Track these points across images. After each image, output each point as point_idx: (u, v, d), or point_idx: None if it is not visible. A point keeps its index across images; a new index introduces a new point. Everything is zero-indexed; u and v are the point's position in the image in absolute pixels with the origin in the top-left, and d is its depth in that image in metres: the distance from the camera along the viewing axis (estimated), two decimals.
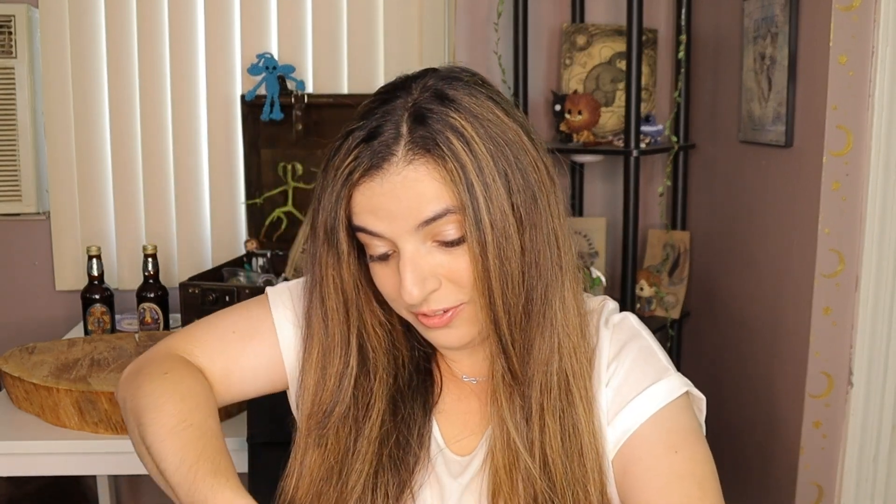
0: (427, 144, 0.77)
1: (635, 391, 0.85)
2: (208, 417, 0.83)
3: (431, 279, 0.80)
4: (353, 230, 0.81)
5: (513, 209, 0.79)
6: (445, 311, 0.82)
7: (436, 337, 0.85)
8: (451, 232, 0.79)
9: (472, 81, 0.83)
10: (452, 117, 0.78)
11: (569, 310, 0.85)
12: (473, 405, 0.92)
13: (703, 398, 0.89)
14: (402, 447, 0.88)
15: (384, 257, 0.82)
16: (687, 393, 0.87)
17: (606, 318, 0.90)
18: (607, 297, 0.94)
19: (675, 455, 0.82)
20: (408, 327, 0.91)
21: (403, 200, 0.77)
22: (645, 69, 2.21)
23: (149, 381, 0.86)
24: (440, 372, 0.94)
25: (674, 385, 0.85)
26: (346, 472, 0.87)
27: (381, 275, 0.83)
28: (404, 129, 0.78)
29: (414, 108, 0.79)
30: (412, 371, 0.92)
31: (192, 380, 0.88)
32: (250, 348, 0.94)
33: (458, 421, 0.92)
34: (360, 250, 0.84)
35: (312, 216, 0.84)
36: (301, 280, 0.94)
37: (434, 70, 0.84)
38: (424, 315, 0.82)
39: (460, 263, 0.80)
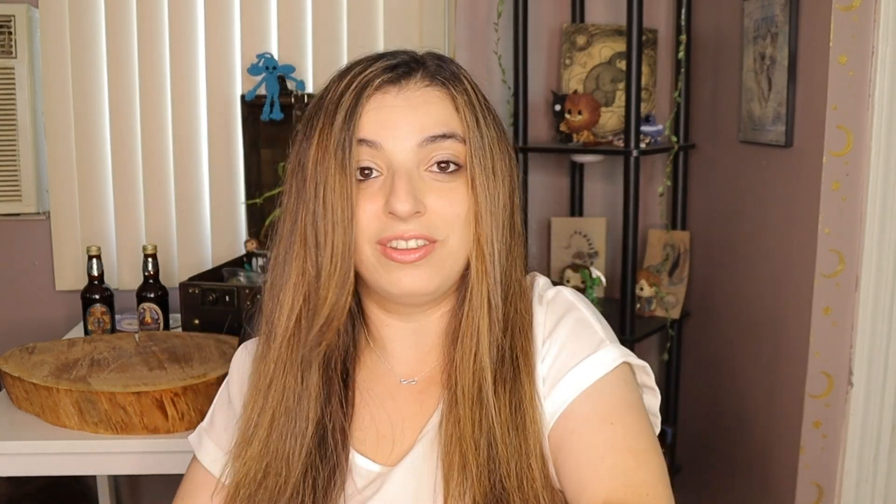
0: (445, 76, 0.84)
1: (570, 365, 0.83)
2: None
3: (419, 202, 0.80)
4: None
5: (500, 160, 0.85)
6: (419, 246, 0.81)
7: (400, 278, 0.82)
8: (446, 155, 0.81)
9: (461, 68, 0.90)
10: (463, 72, 0.86)
11: (524, 287, 0.87)
12: (410, 409, 0.90)
13: (646, 364, 0.88)
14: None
15: (367, 177, 0.81)
16: (627, 364, 0.85)
17: (540, 294, 0.90)
18: (536, 273, 0.94)
19: (611, 427, 0.80)
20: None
21: (415, 115, 0.81)
22: (645, 69, 2.21)
23: None
24: (355, 386, 0.91)
25: (610, 356, 0.84)
26: (295, 451, 0.86)
27: (364, 196, 0.81)
28: (425, 60, 0.85)
29: (429, 54, 0.86)
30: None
31: None
32: (200, 500, 0.94)
33: (387, 431, 0.90)
34: None
35: (306, 134, 0.82)
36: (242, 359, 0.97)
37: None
38: (395, 248, 0.80)
39: (450, 196, 0.82)
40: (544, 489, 0.82)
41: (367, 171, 0.81)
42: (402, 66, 0.82)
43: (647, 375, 0.88)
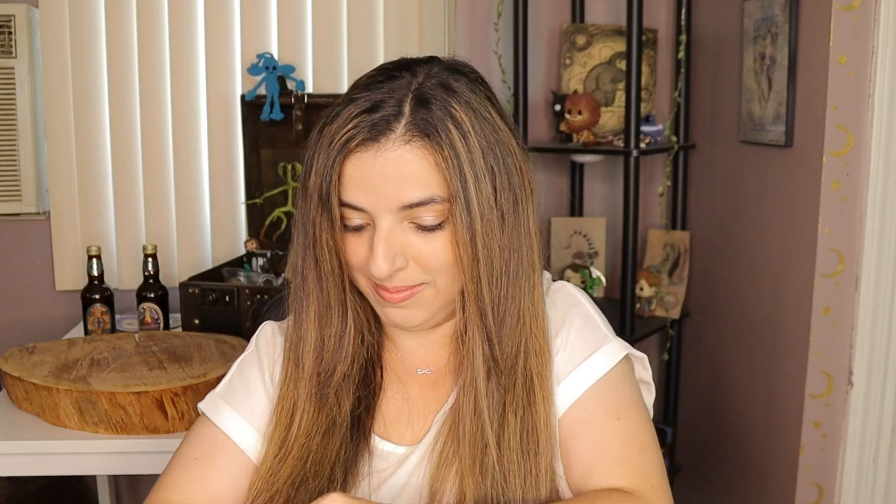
0: (427, 129, 0.79)
1: (577, 360, 0.87)
2: None
3: (401, 257, 0.81)
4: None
5: (496, 205, 0.81)
6: (405, 289, 0.83)
7: (389, 313, 0.86)
8: (431, 219, 0.80)
9: (473, 77, 0.85)
10: (454, 108, 0.80)
11: (537, 312, 0.87)
12: (426, 395, 0.93)
13: (645, 356, 0.93)
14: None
15: (357, 228, 0.83)
16: (627, 357, 0.90)
17: (546, 289, 0.92)
18: (563, 285, 0.96)
19: (618, 421, 0.85)
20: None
21: (392, 179, 0.79)
22: (645, 69, 2.21)
23: None
24: (382, 369, 0.95)
25: (612, 352, 0.88)
26: (330, 434, 0.89)
27: (351, 244, 0.84)
28: (407, 108, 0.80)
29: (418, 90, 0.81)
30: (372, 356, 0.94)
31: None
32: (218, 463, 0.92)
33: (405, 413, 0.93)
34: None
35: (303, 178, 0.84)
36: (269, 326, 1.00)
37: (437, 58, 0.86)
38: (384, 289, 0.84)
39: (431, 247, 0.81)
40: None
41: (357, 225, 0.83)
42: (381, 123, 0.79)
43: (644, 369, 0.93)
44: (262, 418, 0.94)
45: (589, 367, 0.87)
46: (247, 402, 0.95)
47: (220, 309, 1.88)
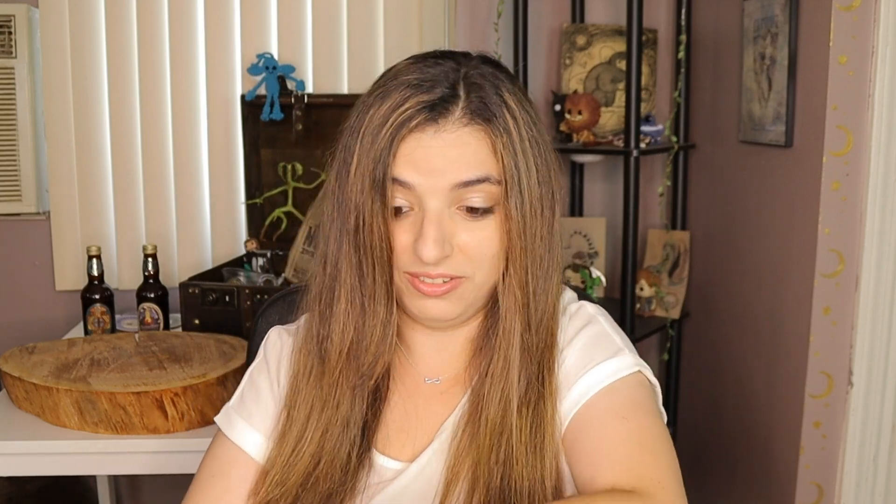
0: (485, 112, 0.79)
1: (587, 367, 0.86)
2: None
3: (448, 244, 0.80)
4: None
5: (540, 196, 0.82)
6: (444, 283, 0.82)
7: (424, 306, 0.84)
8: (480, 200, 0.80)
9: (508, 72, 0.86)
10: (505, 95, 0.81)
11: (556, 308, 0.87)
12: (431, 408, 0.91)
13: (658, 385, 0.90)
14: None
15: (399, 211, 0.81)
16: (640, 373, 0.87)
17: (564, 306, 0.92)
18: (565, 287, 0.95)
19: (624, 421, 0.82)
20: None
21: (450, 157, 0.78)
22: (645, 69, 2.21)
23: None
24: (389, 379, 0.93)
25: (625, 363, 0.86)
26: (342, 437, 0.88)
27: (395, 228, 0.82)
28: (462, 91, 0.80)
29: (469, 76, 0.81)
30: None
31: None
32: (233, 478, 0.92)
33: (407, 426, 0.91)
34: None
35: (344, 161, 0.82)
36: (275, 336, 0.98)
37: (471, 53, 0.86)
38: (422, 282, 0.82)
39: (480, 236, 0.81)
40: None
41: (400, 207, 0.81)
42: (440, 104, 0.78)
43: (656, 395, 0.90)
44: (272, 424, 0.93)
45: (597, 372, 0.85)
46: (258, 412, 0.94)
47: (220, 309, 1.88)
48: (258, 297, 1.87)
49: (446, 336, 0.91)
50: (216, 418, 0.97)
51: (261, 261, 2.21)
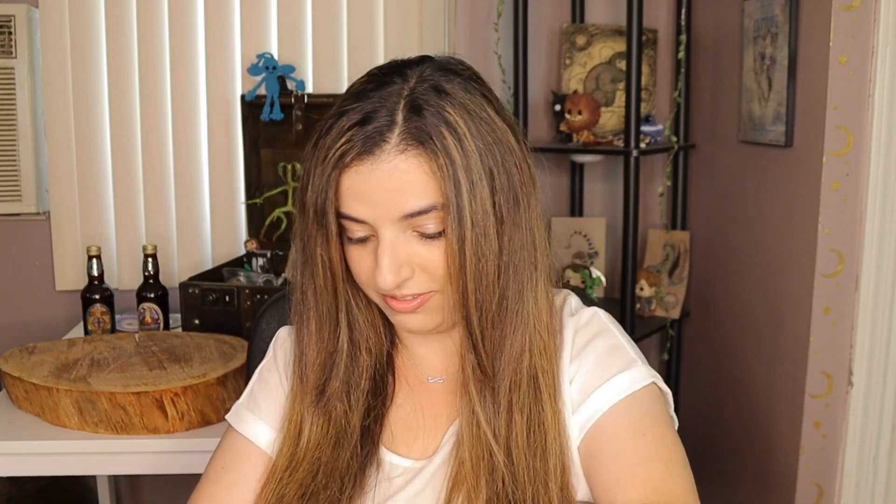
0: (421, 136, 0.78)
1: (601, 380, 0.85)
2: None
3: (406, 267, 0.81)
4: (336, 213, 0.81)
5: (494, 208, 0.80)
6: (415, 297, 0.83)
7: (401, 320, 0.86)
8: (432, 226, 0.80)
9: (468, 76, 0.83)
10: (447, 112, 0.79)
11: (541, 309, 0.86)
12: (437, 408, 0.92)
13: (670, 392, 0.90)
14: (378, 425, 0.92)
15: (362, 240, 0.82)
16: (654, 384, 0.87)
17: (571, 313, 0.91)
18: (570, 293, 0.95)
19: (643, 437, 0.82)
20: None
21: (390, 190, 0.78)
22: (645, 69, 2.21)
23: None
24: (394, 377, 0.94)
25: (639, 375, 0.86)
26: (339, 445, 0.89)
27: (356, 257, 0.83)
28: (399, 117, 0.78)
29: (410, 97, 0.79)
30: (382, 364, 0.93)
31: None
32: (244, 470, 0.93)
33: (414, 424, 0.92)
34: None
35: (300, 192, 0.83)
36: (284, 331, 0.99)
37: (430, 58, 0.84)
38: (393, 298, 0.83)
39: (436, 254, 0.81)
40: None
41: (362, 237, 0.82)
42: (375, 135, 0.78)
43: (668, 405, 0.90)
44: (282, 419, 0.94)
45: (612, 386, 0.85)
46: (267, 407, 0.95)
47: (220, 309, 1.88)
48: (258, 297, 1.87)
49: (441, 336, 0.91)
50: (227, 417, 0.98)
51: (261, 261, 2.21)
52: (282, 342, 0.99)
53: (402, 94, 0.80)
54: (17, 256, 2.36)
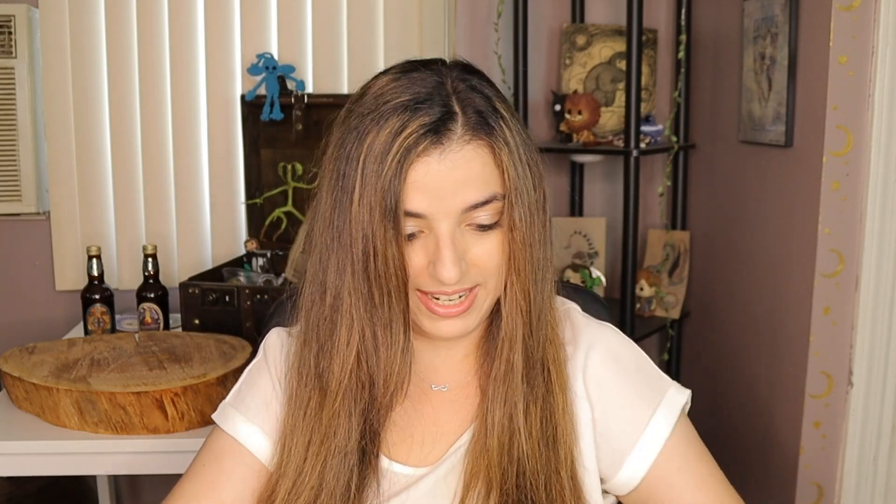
0: (484, 126, 0.79)
1: (641, 425, 0.88)
2: None
3: (463, 261, 0.80)
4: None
5: (535, 202, 0.82)
6: (461, 298, 0.82)
7: (440, 326, 0.83)
8: (487, 218, 0.80)
9: (485, 76, 0.85)
10: (496, 104, 0.81)
11: (552, 304, 0.88)
12: (440, 415, 0.91)
13: (687, 392, 0.93)
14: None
15: (411, 236, 0.80)
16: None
17: (574, 325, 0.92)
18: (565, 300, 0.96)
19: (695, 474, 0.89)
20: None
21: (457, 180, 0.77)
22: (645, 69, 2.21)
23: None
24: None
25: (670, 406, 0.89)
26: (344, 458, 0.87)
27: (406, 253, 0.80)
28: (456, 107, 0.79)
29: (455, 88, 0.80)
30: None
31: None
32: (225, 467, 0.91)
33: (412, 431, 0.91)
34: None
35: (347, 191, 0.79)
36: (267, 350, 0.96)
37: (443, 60, 0.84)
38: (437, 303, 0.82)
39: (489, 246, 0.81)
40: (572, 495, 0.85)
41: (411, 233, 0.80)
42: (441, 125, 0.77)
43: (686, 404, 0.94)
44: (272, 423, 0.92)
45: (654, 430, 0.88)
46: (255, 407, 0.94)
47: (220, 309, 1.88)
48: (258, 297, 1.87)
49: (448, 343, 0.90)
50: (213, 416, 0.96)
51: (261, 261, 2.21)
52: (272, 345, 0.97)
53: (446, 87, 0.79)
54: (17, 256, 2.36)
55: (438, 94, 0.79)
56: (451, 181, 0.77)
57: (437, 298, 0.82)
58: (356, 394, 0.85)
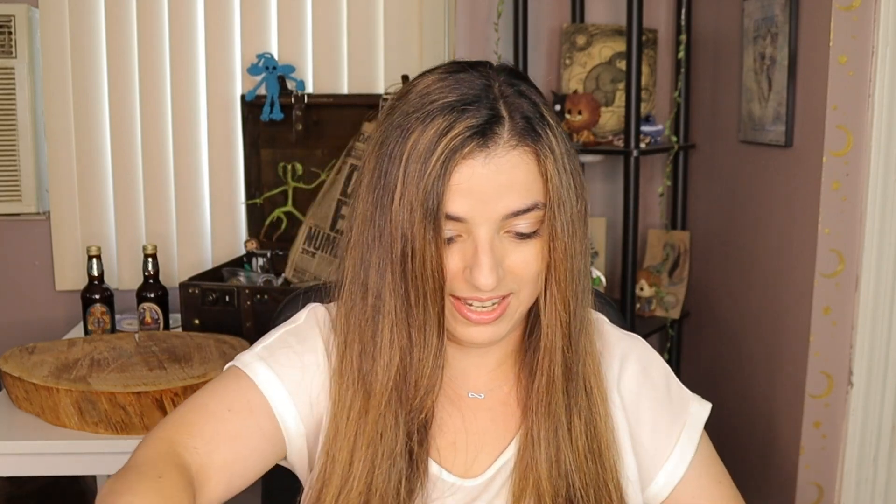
0: (531, 132, 0.77)
1: (670, 443, 0.92)
2: None
3: (500, 268, 0.79)
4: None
5: (577, 211, 0.81)
6: (495, 305, 0.81)
7: (471, 332, 0.82)
8: (527, 226, 0.79)
9: (531, 83, 0.83)
10: (544, 111, 0.80)
11: (590, 316, 0.88)
12: (481, 424, 0.90)
13: (710, 405, 0.97)
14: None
15: (450, 240, 0.79)
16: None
17: (617, 335, 0.95)
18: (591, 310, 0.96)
19: (720, 486, 0.94)
20: None
21: (501, 185, 0.76)
22: (645, 69, 2.21)
23: (139, 483, 0.77)
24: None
25: (694, 427, 0.93)
26: (393, 463, 0.84)
27: (443, 256, 0.79)
28: (504, 111, 0.77)
29: (502, 92, 0.78)
30: None
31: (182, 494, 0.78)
32: (251, 424, 0.85)
33: (456, 439, 0.89)
34: None
35: (388, 190, 0.77)
36: (308, 311, 0.91)
37: (490, 63, 0.83)
38: (471, 308, 0.80)
39: (527, 255, 0.80)
40: None
41: (449, 237, 0.79)
42: (488, 128, 0.75)
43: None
44: (306, 405, 0.87)
45: (682, 448, 0.92)
46: (291, 373, 0.87)
47: (220, 309, 1.88)
48: (258, 297, 1.87)
49: (482, 351, 0.89)
50: (234, 361, 0.89)
51: (261, 261, 2.21)
52: (323, 317, 0.91)
53: (493, 91, 0.78)
54: (17, 256, 2.36)
55: (486, 97, 0.77)
56: (494, 186, 0.76)
57: (471, 304, 0.80)
58: (402, 394, 0.83)
